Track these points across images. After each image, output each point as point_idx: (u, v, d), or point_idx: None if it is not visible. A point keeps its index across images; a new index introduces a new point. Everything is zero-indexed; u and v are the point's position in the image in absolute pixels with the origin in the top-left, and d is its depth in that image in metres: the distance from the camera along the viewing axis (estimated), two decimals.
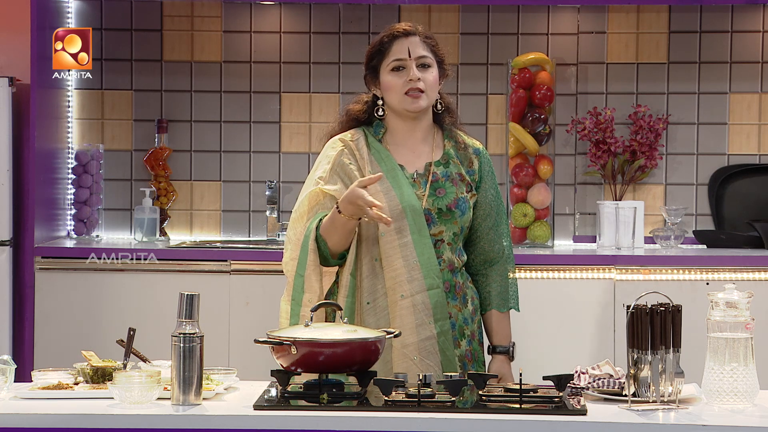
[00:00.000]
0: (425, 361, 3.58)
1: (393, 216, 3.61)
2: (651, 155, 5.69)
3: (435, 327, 3.61)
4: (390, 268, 3.62)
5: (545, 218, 5.70)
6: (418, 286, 3.61)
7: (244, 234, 5.89)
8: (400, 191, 3.64)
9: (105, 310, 5.32)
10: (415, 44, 3.69)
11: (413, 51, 3.67)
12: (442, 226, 3.67)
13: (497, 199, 3.78)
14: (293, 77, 5.87)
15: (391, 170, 3.67)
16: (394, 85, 3.67)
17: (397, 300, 3.60)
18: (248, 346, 3.47)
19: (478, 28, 5.83)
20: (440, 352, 3.61)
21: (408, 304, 3.60)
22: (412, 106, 3.68)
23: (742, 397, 3.13)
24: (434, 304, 3.61)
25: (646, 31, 5.81)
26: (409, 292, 3.61)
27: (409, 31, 3.70)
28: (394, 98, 3.69)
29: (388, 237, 3.62)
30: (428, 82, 3.68)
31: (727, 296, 3.17)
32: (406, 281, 3.61)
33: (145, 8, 5.84)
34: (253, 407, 3.08)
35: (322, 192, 3.66)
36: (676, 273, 5.26)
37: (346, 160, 3.69)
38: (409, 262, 3.61)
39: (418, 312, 3.60)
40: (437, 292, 3.62)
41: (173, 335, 3.09)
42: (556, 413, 3.03)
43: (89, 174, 5.74)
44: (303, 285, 3.62)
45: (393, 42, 3.69)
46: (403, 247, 3.61)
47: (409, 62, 3.67)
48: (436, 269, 3.63)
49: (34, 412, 3.05)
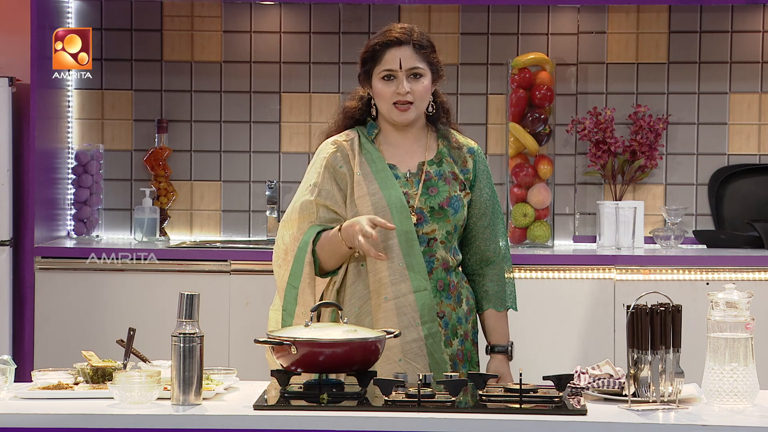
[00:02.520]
0: (411, 363, 3.56)
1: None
2: (651, 155, 5.69)
3: (422, 329, 3.59)
4: (374, 270, 3.61)
5: (545, 218, 5.71)
6: (404, 288, 3.59)
7: (244, 234, 5.89)
8: (388, 192, 3.63)
9: (105, 310, 5.32)
10: (407, 55, 3.66)
11: (404, 62, 3.65)
12: (435, 225, 3.66)
13: (493, 199, 3.77)
14: (293, 77, 5.87)
15: (381, 171, 3.67)
16: (384, 93, 3.67)
17: (381, 303, 3.58)
18: (248, 346, 3.47)
19: (478, 28, 5.83)
20: (428, 354, 3.58)
21: (391, 307, 3.58)
22: (400, 118, 3.68)
23: (742, 397, 3.13)
24: (421, 306, 3.59)
25: (646, 31, 5.81)
26: (393, 295, 3.58)
27: (403, 39, 3.66)
28: (383, 106, 3.70)
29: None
30: (418, 93, 3.66)
31: (727, 296, 3.17)
32: (390, 283, 3.59)
33: (145, 8, 5.84)
34: (253, 407, 3.08)
35: (315, 202, 3.65)
36: (676, 273, 5.26)
37: (338, 163, 3.68)
38: (395, 265, 3.60)
39: (403, 314, 3.58)
40: (425, 294, 3.60)
41: (173, 335, 3.09)
42: (556, 413, 3.03)
43: (89, 174, 5.74)
44: (296, 297, 3.60)
45: (385, 50, 3.67)
46: (387, 249, 3.60)
47: (400, 74, 3.65)
48: (423, 271, 3.61)
49: (34, 412, 3.05)
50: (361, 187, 3.63)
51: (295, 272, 3.61)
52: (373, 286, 3.61)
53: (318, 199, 3.65)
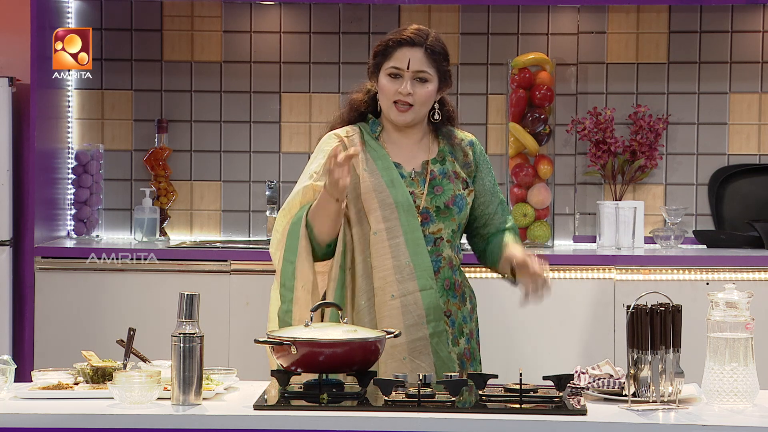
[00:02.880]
0: (416, 362, 3.56)
1: (385, 215, 3.61)
2: (651, 155, 5.69)
3: (428, 328, 3.60)
4: (380, 268, 3.60)
5: (545, 218, 5.70)
6: (410, 287, 3.59)
7: (244, 234, 5.89)
8: (394, 190, 3.63)
9: (105, 310, 5.32)
10: (417, 57, 3.66)
11: (413, 64, 3.65)
12: (441, 224, 3.67)
13: (495, 187, 3.79)
14: (293, 77, 5.87)
15: (387, 168, 3.67)
16: (387, 90, 3.67)
17: (387, 300, 3.59)
18: (248, 346, 3.47)
19: (478, 28, 5.83)
20: (433, 353, 3.59)
21: (397, 305, 3.58)
22: (398, 119, 3.69)
23: (742, 397, 3.13)
24: (427, 305, 3.60)
25: (646, 31, 5.81)
26: (400, 293, 3.59)
27: (416, 41, 3.66)
28: (384, 103, 3.70)
29: (379, 236, 3.60)
30: (420, 97, 3.66)
31: (727, 296, 3.17)
32: (396, 281, 3.59)
33: (145, 8, 5.84)
34: (253, 407, 3.08)
35: (315, 188, 3.65)
36: (676, 273, 5.26)
37: None
38: (401, 263, 3.60)
39: (409, 312, 3.58)
40: (431, 293, 3.61)
41: (173, 335, 3.09)
42: (556, 413, 3.03)
43: (89, 174, 5.74)
44: (294, 272, 3.59)
45: (397, 48, 3.67)
46: (394, 247, 3.60)
47: (406, 74, 3.66)
48: (429, 270, 3.62)
49: (34, 412, 3.05)
50: (366, 184, 3.63)
51: (291, 247, 3.60)
52: (378, 283, 3.61)
53: (317, 185, 3.64)
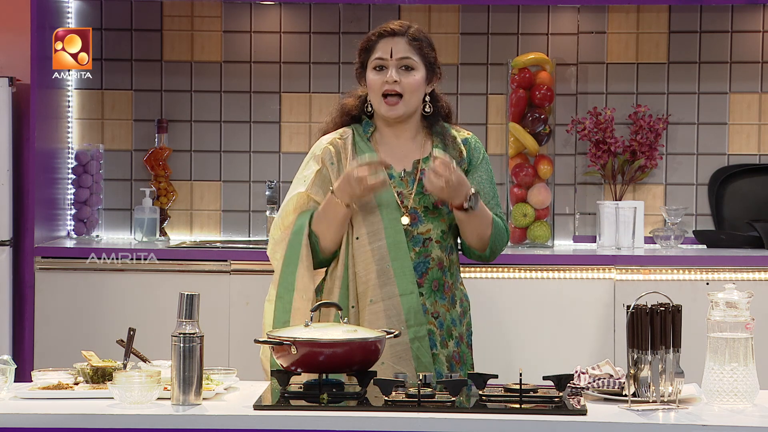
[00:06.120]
0: (395, 367, 3.53)
1: (367, 218, 3.59)
2: (651, 155, 5.69)
3: (408, 333, 3.57)
4: (362, 272, 3.60)
5: (545, 218, 5.70)
6: (390, 291, 3.57)
7: (244, 234, 5.89)
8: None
9: (105, 310, 5.32)
10: (399, 45, 3.65)
11: (395, 51, 3.64)
12: (430, 224, 3.64)
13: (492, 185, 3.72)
14: (293, 77, 5.87)
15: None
16: (374, 83, 3.65)
17: (367, 304, 3.58)
18: (248, 346, 3.47)
19: (478, 28, 5.83)
20: (414, 358, 3.56)
21: (378, 309, 3.56)
22: (388, 113, 3.66)
23: (742, 397, 3.13)
24: (407, 310, 3.57)
25: (646, 31, 5.81)
26: (380, 297, 3.57)
27: (397, 31, 3.66)
28: (374, 99, 3.68)
29: (361, 240, 3.59)
30: (408, 86, 3.64)
31: (727, 296, 3.17)
32: (377, 286, 3.57)
33: (145, 8, 5.84)
34: (253, 407, 3.08)
35: (308, 196, 3.64)
36: (676, 273, 5.26)
37: (330, 160, 3.66)
38: (382, 267, 3.58)
39: (389, 317, 3.55)
40: (411, 297, 3.58)
41: (173, 335, 3.09)
42: (556, 413, 3.03)
43: (89, 174, 5.74)
44: (294, 282, 3.59)
45: (379, 41, 3.67)
46: (375, 251, 3.58)
47: (390, 62, 3.64)
48: (411, 274, 3.59)
49: (34, 412, 3.05)
50: None
51: (292, 257, 3.59)
52: (360, 288, 3.59)
53: (310, 193, 3.64)
